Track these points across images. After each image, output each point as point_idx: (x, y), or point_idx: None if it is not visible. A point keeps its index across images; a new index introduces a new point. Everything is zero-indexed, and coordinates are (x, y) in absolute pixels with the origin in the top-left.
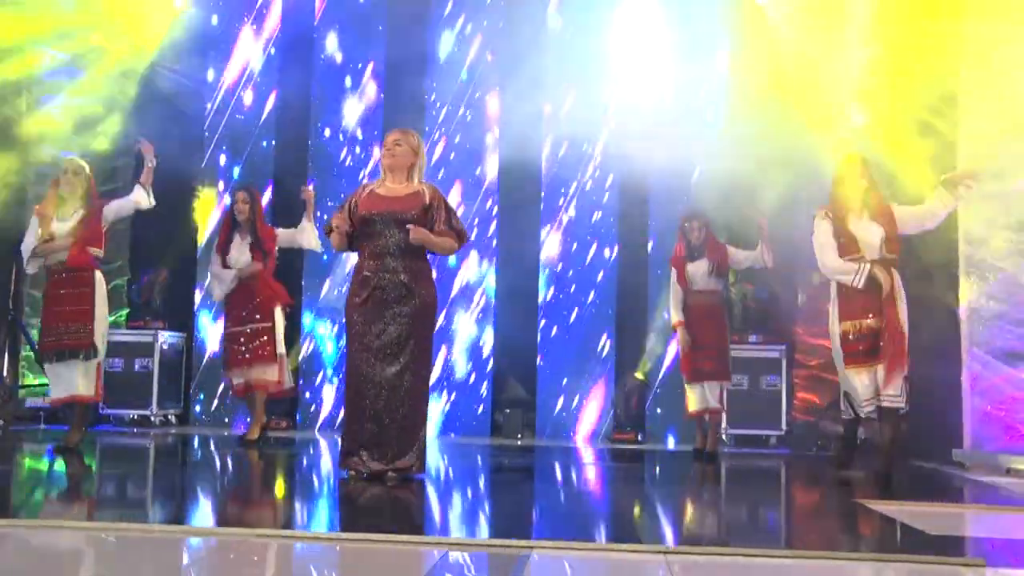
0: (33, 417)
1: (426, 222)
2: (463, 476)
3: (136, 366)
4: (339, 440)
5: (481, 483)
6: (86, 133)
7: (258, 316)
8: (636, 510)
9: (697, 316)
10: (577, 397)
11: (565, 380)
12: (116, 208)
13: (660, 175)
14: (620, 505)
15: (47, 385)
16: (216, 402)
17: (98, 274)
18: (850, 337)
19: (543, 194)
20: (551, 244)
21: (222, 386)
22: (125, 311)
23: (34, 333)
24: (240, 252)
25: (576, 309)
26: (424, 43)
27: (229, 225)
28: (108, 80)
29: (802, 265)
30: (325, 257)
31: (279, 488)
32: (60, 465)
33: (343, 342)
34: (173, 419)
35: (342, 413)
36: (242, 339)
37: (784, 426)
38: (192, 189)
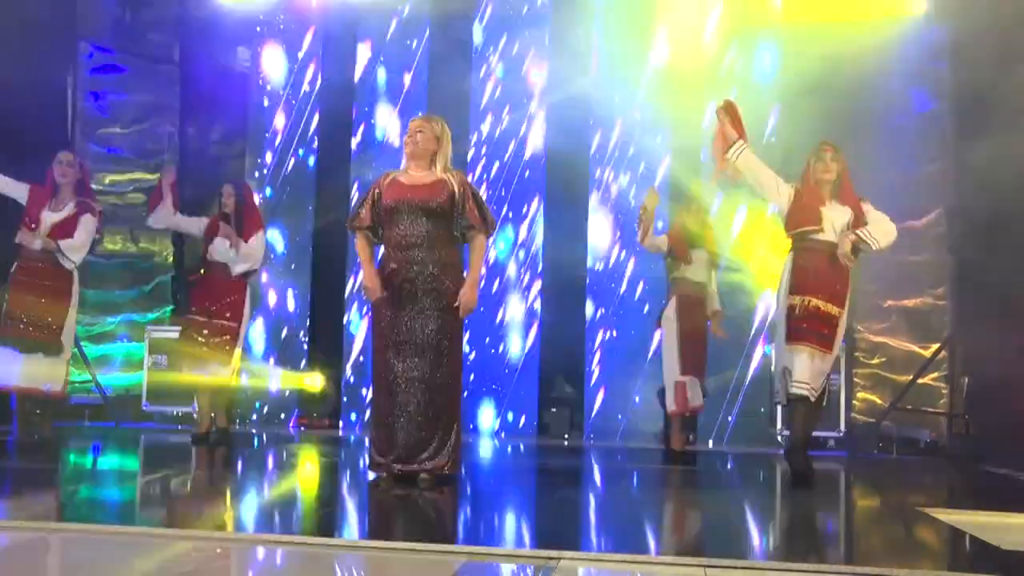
0: (76, 414)
1: (452, 211)
2: (500, 479)
3: None
4: (368, 441)
5: (517, 486)
6: None
7: (228, 315)
8: (677, 518)
9: (689, 306)
10: (626, 397)
11: (614, 379)
12: (80, 227)
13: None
14: (661, 512)
15: (90, 382)
16: (259, 400)
17: (75, 273)
18: (796, 312)
19: (592, 191)
20: (600, 237)
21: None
22: (170, 308)
23: None
24: (222, 249)
25: (625, 306)
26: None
27: (218, 218)
28: None
29: (863, 258)
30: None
31: (303, 491)
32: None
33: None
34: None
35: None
36: (205, 331)
37: (843, 428)
38: None
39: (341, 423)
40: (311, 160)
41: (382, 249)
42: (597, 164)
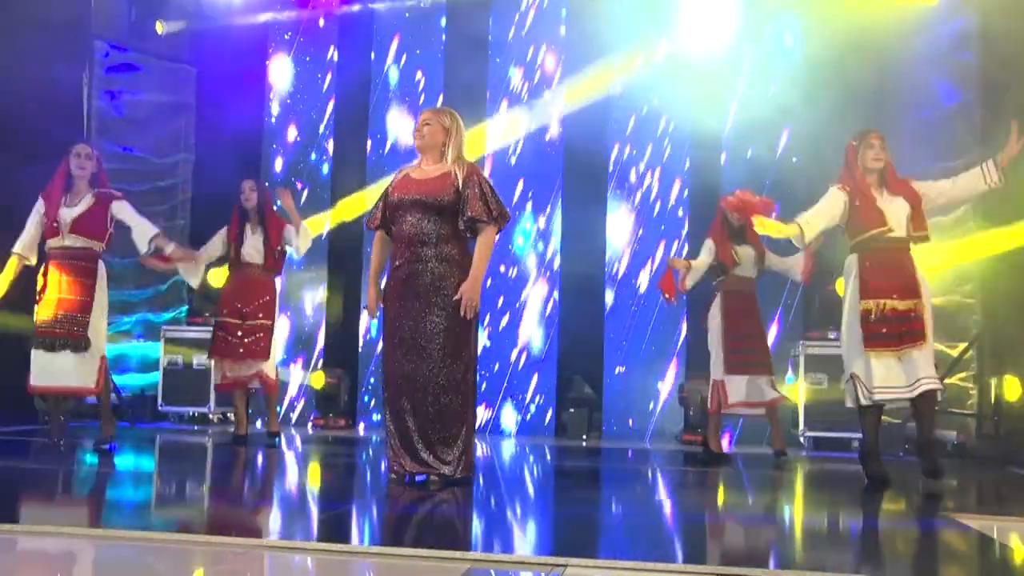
0: (91, 414)
1: (458, 206)
2: (512, 481)
3: (194, 363)
4: (387, 438)
5: (531, 489)
6: None
7: (261, 315)
8: (690, 522)
9: (738, 302)
10: (646, 397)
11: (633, 379)
12: (127, 214)
13: (734, 164)
14: (676, 516)
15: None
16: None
17: (100, 264)
18: (872, 317)
19: (610, 187)
20: (618, 235)
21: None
22: (185, 308)
23: None
24: (254, 247)
25: (645, 305)
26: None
27: (239, 217)
28: None
29: None
30: None
31: (308, 492)
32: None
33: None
34: (232, 417)
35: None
36: (239, 332)
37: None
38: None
39: (362, 424)
40: (325, 158)
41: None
42: (616, 153)
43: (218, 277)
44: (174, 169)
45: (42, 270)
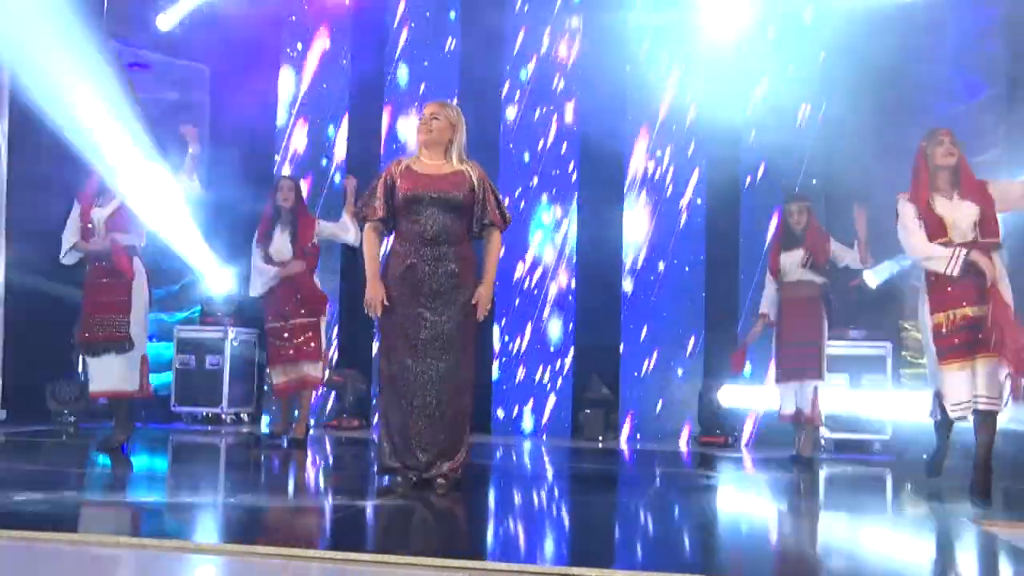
0: (106, 414)
1: (473, 206)
2: (523, 485)
3: (207, 363)
4: (379, 442)
5: (538, 493)
6: None
7: (303, 311)
8: (699, 529)
9: (789, 310)
10: (664, 397)
11: (652, 378)
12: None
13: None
14: (685, 522)
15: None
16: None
17: (137, 262)
18: (943, 331)
19: (627, 186)
20: (635, 233)
21: None
22: (198, 308)
23: None
24: (282, 245)
25: (663, 303)
26: None
27: (271, 216)
28: None
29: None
30: None
31: (310, 497)
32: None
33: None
34: (246, 417)
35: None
36: (285, 335)
37: (890, 431)
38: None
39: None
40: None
41: (390, 242)
42: (635, 146)
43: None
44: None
45: (84, 278)
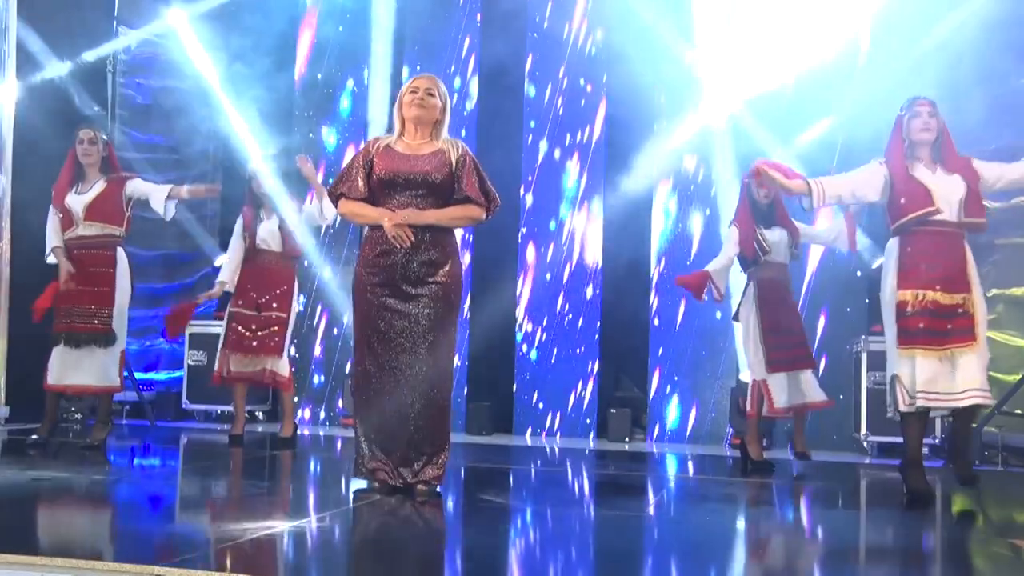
0: (114, 412)
1: (452, 185)
2: (532, 488)
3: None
4: (355, 444)
5: (544, 498)
6: None
7: (275, 305)
8: (704, 542)
9: (771, 292)
10: (693, 397)
11: (679, 378)
12: (141, 189)
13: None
14: (696, 534)
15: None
16: (298, 398)
17: (120, 251)
18: (907, 310)
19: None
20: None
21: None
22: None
23: None
24: (269, 232)
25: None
26: None
27: (252, 203)
28: None
29: None
30: None
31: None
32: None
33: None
34: (260, 415)
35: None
36: (253, 325)
37: (938, 434)
38: None
39: None
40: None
41: (365, 228)
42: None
43: None
44: (202, 158)
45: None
